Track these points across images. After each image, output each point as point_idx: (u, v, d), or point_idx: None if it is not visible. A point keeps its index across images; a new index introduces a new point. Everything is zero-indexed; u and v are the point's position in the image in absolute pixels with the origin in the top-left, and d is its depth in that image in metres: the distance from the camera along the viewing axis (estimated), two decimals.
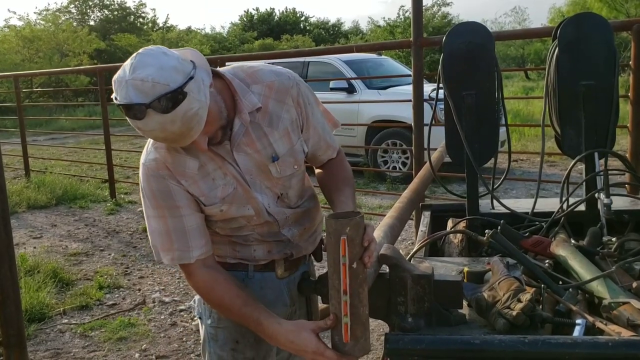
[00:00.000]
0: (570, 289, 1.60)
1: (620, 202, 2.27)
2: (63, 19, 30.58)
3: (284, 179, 1.67)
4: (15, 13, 47.86)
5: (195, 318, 1.84)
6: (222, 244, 1.71)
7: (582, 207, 2.17)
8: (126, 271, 5.12)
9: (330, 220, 1.35)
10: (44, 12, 29.71)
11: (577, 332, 1.38)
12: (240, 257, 1.72)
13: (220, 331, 1.73)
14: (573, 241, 1.94)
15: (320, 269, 1.75)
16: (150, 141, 1.58)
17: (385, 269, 1.45)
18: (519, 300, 1.36)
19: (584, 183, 2.21)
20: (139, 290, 4.65)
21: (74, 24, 30.06)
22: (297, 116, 1.66)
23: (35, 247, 5.88)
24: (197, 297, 1.77)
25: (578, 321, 1.41)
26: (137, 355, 3.58)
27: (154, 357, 3.54)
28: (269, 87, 1.62)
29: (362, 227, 1.36)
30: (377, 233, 1.66)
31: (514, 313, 1.33)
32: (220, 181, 1.58)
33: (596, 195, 2.13)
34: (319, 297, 1.67)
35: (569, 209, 2.13)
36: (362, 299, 1.35)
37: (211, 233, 1.67)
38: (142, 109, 1.31)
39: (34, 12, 38.96)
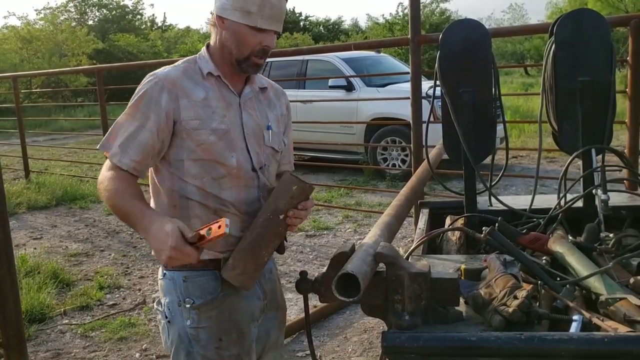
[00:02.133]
0: (568, 285, 1.60)
1: (618, 198, 2.28)
2: (62, 18, 30.53)
3: (270, 152, 1.87)
4: (14, 14, 47.65)
5: (162, 322, 1.80)
6: (199, 217, 1.73)
7: (579, 204, 2.17)
8: (126, 271, 5.12)
9: (287, 174, 1.73)
10: (43, 12, 29.70)
11: (574, 328, 1.38)
12: None
13: (202, 331, 1.74)
14: (570, 237, 1.94)
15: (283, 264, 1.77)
16: (169, 66, 1.77)
17: (383, 267, 1.45)
18: (515, 297, 1.37)
19: (582, 179, 2.21)
20: (139, 290, 4.66)
21: (73, 23, 30.00)
22: (285, 115, 1.98)
23: (35, 248, 5.89)
24: (166, 300, 1.76)
25: (575, 317, 1.42)
26: (137, 355, 3.58)
27: (154, 356, 3.55)
28: (270, 83, 1.97)
29: (307, 195, 1.71)
30: (375, 231, 1.66)
31: (510, 310, 1.33)
32: (218, 117, 1.74)
33: (593, 191, 2.13)
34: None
35: (566, 206, 2.13)
36: (269, 248, 1.73)
37: (190, 201, 1.72)
38: None
39: (34, 10, 38.64)
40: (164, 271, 1.78)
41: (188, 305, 1.73)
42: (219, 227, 1.46)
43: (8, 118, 13.63)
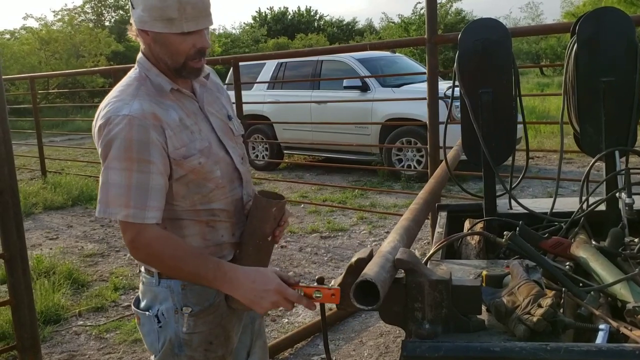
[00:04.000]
0: (592, 292, 1.56)
1: None
2: (79, 19, 30.76)
3: (240, 140, 1.86)
4: (32, 16, 47.96)
5: (148, 326, 1.77)
6: (193, 236, 1.72)
7: (602, 207, 2.11)
8: None
9: (260, 197, 1.72)
10: (61, 13, 29.89)
11: (600, 338, 1.34)
12: (211, 249, 1.73)
13: (195, 336, 1.74)
14: (594, 242, 1.89)
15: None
16: (127, 95, 1.61)
17: (402, 273, 1.41)
18: (540, 306, 1.32)
19: (605, 182, 2.15)
20: None
21: (90, 25, 30.20)
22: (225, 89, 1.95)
23: (51, 249, 5.91)
24: (160, 307, 1.73)
25: (601, 326, 1.37)
26: (152, 357, 3.56)
27: None
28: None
29: (284, 208, 1.76)
30: (393, 236, 1.63)
31: (535, 319, 1.29)
32: (197, 135, 1.68)
33: (617, 194, 2.08)
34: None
35: (589, 209, 2.08)
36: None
37: (182, 221, 1.69)
38: None
39: (52, 11, 38.95)
40: (159, 279, 1.73)
41: (186, 313, 1.72)
42: (333, 295, 1.44)
43: (26, 118, 13.76)
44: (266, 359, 2.07)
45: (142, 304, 1.79)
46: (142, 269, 1.79)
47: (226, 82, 8.90)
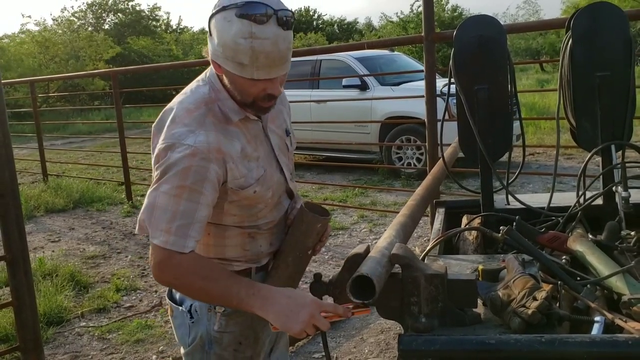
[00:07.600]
0: (589, 285, 1.57)
1: (639, 195, 2.22)
2: (78, 23, 30.77)
3: (292, 155, 1.86)
4: (30, 17, 47.83)
5: (180, 319, 1.79)
6: (233, 246, 1.73)
7: (599, 201, 2.13)
8: (143, 273, 5.14)
9: (305, 211, 1.71)
10: (60, 18, 29.91)
11: (595, 329, 1.35)
12: (248, 257, 1.75)
13: (226, 335, 1.75)
14: (590, 236, 1.90)
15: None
16: (193, 121, 1.56)
17: (398, 268, 1.42)
18: (535, 299, 1.33)
19: (601, 176, 2.17)
20: (156, 291, 4.67)
21: (90, 28, 30.22)
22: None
23: (53, 251, 5.93)
24: (194, 303, 1.75)
25: (597, 318, 1.39)
26: (154, 357, 3.59)
27: (170, 358, 3.55)
28: None
29: (327, 225, 1.76)
30: (389, 232, 1.64)
31: (530, 312, 1.30)
32: (254, 164, 1.66)
33: (614, 188, 2.09)
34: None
35: (585, 203, 2.09)
36: (300, 280, 1.81)
37: (227, 231, 1.70)
38: (268, 13, 1.42)
39: (51, 17, 38.92)
40: None
41: (219, 312, 1.74)
42: (363, 307, 1.43)
43: (26, 122, 13.79)
44: (286, 355, 2.08)
45: (176, 296, 1.81)
46: None
47: None
